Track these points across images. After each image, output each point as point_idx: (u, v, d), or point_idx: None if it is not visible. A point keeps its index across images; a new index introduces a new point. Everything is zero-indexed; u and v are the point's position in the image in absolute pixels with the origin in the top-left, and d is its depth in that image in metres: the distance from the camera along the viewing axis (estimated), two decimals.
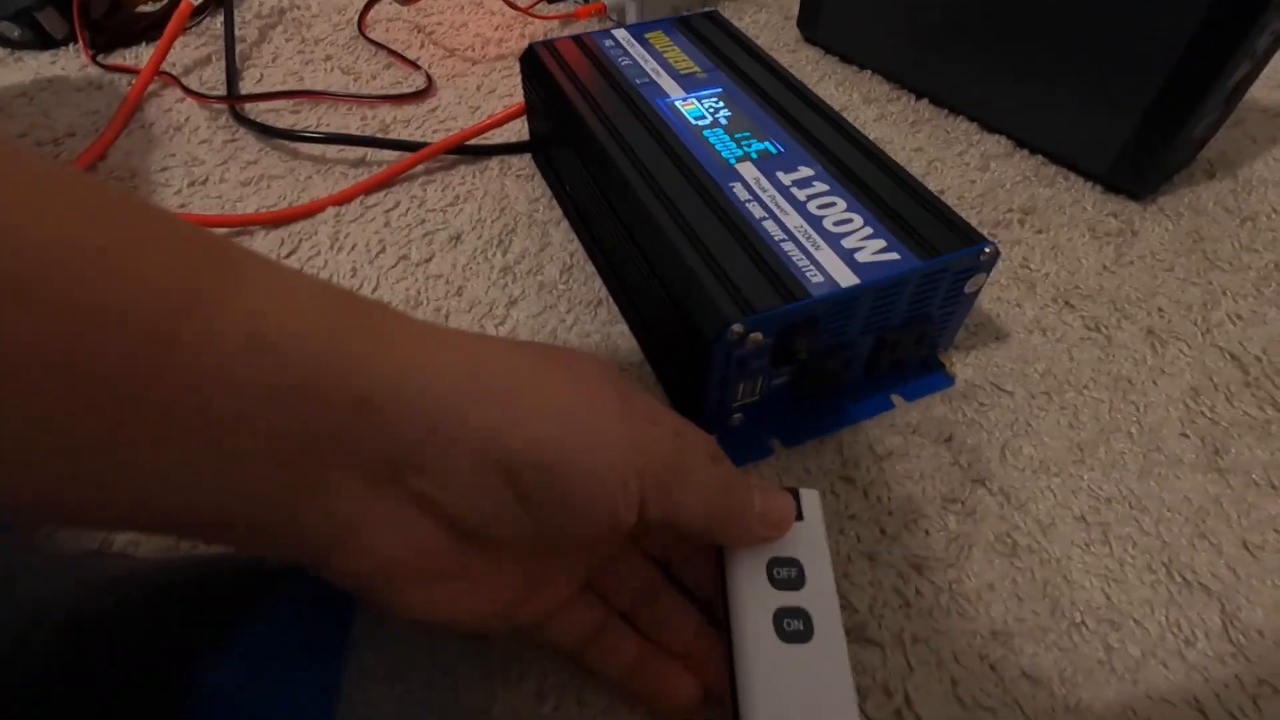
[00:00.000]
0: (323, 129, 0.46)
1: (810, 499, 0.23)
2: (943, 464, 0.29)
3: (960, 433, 0.30)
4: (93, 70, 0.51)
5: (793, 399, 0.30)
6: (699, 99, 0.35)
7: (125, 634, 0.20)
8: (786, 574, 0.22)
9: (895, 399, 0.32)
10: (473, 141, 0.44)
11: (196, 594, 0.21)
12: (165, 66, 0.51)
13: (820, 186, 0.30)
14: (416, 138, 0.46)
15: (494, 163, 0.44)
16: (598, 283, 0.37)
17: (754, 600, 0.21)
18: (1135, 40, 0.38)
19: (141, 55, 0.53)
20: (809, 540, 0.22)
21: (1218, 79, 0.36)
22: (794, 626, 0.21)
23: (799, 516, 0.23)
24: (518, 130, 0.46)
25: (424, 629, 0.21)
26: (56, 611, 0.20)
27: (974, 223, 0.40)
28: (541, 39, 0.43)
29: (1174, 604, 0.25)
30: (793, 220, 0.28)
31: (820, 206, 0.29)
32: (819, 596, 0.21)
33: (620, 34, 0.40)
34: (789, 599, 0.21)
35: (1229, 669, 0.24)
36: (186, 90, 0.47)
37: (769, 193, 0.29)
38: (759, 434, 0.30)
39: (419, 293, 0.36)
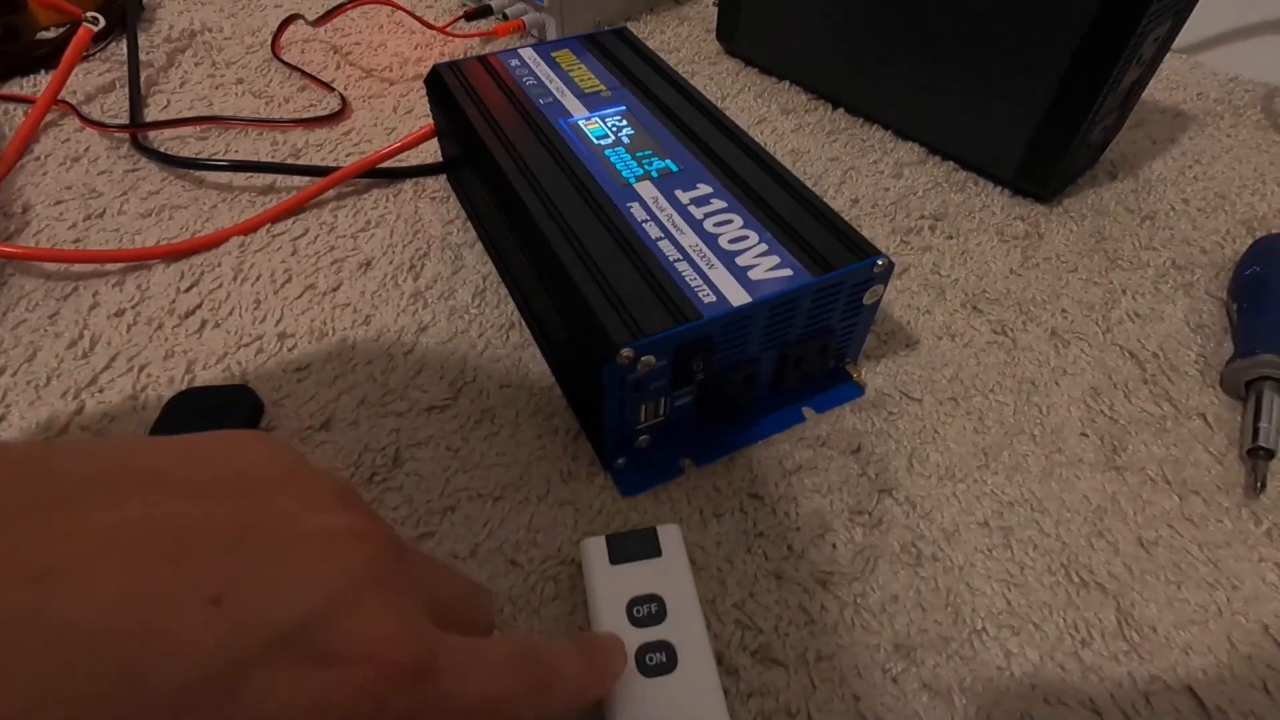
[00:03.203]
0: (231, 156, 0.45)
1: (669, 533, 0.25)
2: (851, 475, 0.29)
3: (869, 443, 0.31)
4: None
5: (700, 417, 0.30)
6: (602, 118, 0.35)
7: None
8: (646, 610, 0.22)
9: (806, 411, 0.32)
10: (386, 164, 0.43)
11: None
12: (65, 95, 0.49)
13: (718, 204, 0.30)
14: (329, 162, 0.45)
15: (408, 185, 0.43)
16: (510, 305, 0.36)
17: None
18: (1029, 49, 0.39)
19: (40, 83, 0.51)
20: (670, 574, 0.24)
21: (1106, 84, 0.37)
22: (657, 660, 0.21)
23: (658, 553, 0.24)
24: (434, 151, 0.46)
25: None
26: None
27: (887, 230, 0.41)
28: (458, 58, 0.43)
29: (1072, 605, 0.26)
30: (688, 239, 0.28)
31: (717, 224, 0.29)
32: (683, 627, 0.22)
33: (527, 53, 0.40)
34: (650, 634, 0.22)
35: (1123, 667, 0.24)
36: (84, 119, 0.46)
37: (666, 212, 0.29)
38: (669, 454, 0.29)
39: (325, 323, 0.35)
